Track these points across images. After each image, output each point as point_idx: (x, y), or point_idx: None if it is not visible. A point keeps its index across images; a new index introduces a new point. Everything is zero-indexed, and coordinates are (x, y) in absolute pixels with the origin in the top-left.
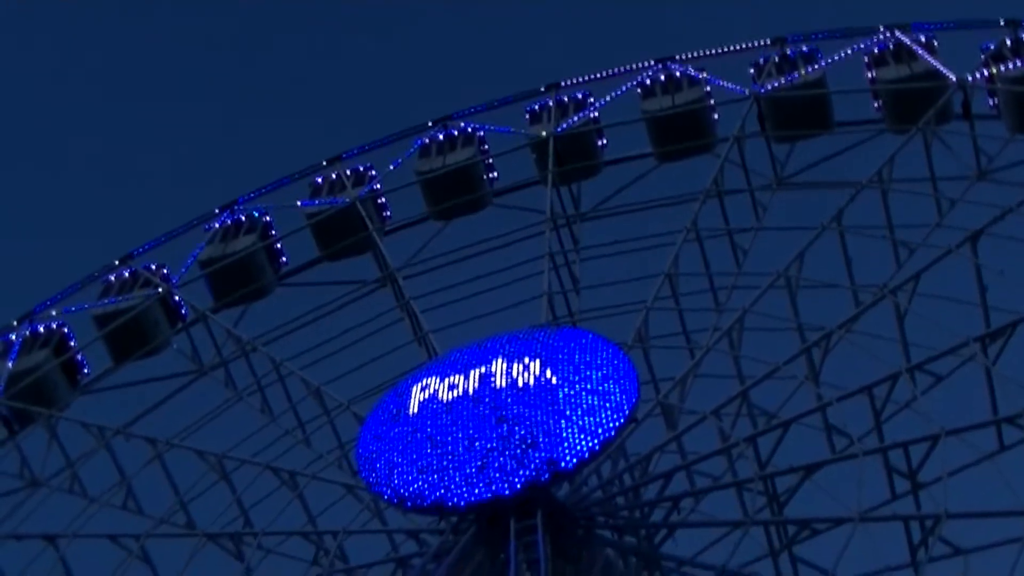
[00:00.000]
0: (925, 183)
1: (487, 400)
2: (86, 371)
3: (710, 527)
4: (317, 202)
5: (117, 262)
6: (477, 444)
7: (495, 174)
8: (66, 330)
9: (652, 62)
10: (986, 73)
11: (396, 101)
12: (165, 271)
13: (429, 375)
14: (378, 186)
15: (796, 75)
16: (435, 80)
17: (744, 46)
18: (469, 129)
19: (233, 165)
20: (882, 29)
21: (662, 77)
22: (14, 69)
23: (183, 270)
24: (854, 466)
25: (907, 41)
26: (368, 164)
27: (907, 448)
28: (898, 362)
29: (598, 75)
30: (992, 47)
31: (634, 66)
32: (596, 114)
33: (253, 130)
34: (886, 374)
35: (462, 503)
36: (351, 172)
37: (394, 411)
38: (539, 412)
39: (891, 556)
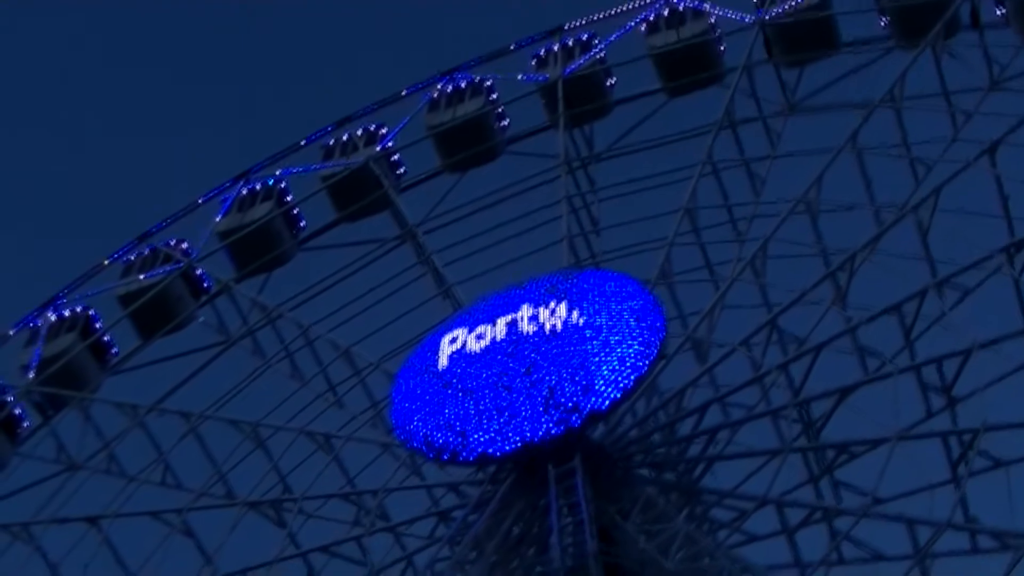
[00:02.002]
0: (938, 98)
1: (516, 347)
2: (114, 351)
3: (748, 458)
4: (331, 164)
5: (136, 240)
6: (510, 392)
7: (506, 122)
8: (91, 312)
9: None
10: None
11: (401, 57)
12: (185, 246)
13: (457, 327)
14: (390, 144)
15: None
16: (438, 33)
17: None
18: (476, 79)
19: (244, 135)
20: None
21: (666, 12)
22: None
23: (202, 243)
24: (888, 386)
25: None
26: (378, 123)
27: (940, 364)
28: (924, 279)
29: (601, 15)
30: None
31: (637, 3)
32: (602, 54)
33: (261, 99)
34: (913, 291)
35: (499, 452)
36: (362, 132)
37: (425, 366)
38: (569, 355)
39: (931, 474)
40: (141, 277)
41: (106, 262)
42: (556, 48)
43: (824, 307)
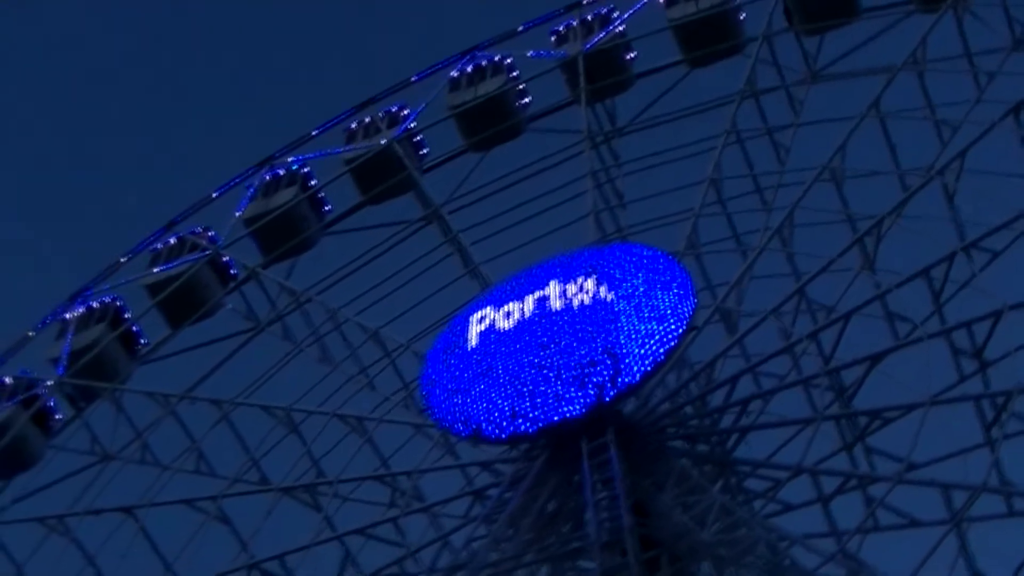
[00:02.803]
0: (961, 60)
1: (545, 324)
2: (144, 341)
3: (781, 427)
4: (354, 147)
5: (163, 229)
6: (540, 369)
7: (527, 99)
8: (120, 303)
9: None
10: None
11: (421, 38)
12: (211, 233)
13: (485, 306)
14: (412, 125)
15: None
16: (457, 12)
17: None
18: (497, 58)
19: (266, 121)
20: None
21: None
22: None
23: (228, 230)
24: (919, 351)
25: None
26: (400, 104)
27: (971, 327)
28: (953, 242)
29: None
30: None
31: None
32: (622, 28)
33: (283, 84)
34: (942, 255)
35: (532, 429)
36: (384, 114)
37: (454, 345)
38: (598, 330)
39: (965, 438)
40: (168, 266)
41: (122, 260)
42: (575, 23)
43: (852, 274)
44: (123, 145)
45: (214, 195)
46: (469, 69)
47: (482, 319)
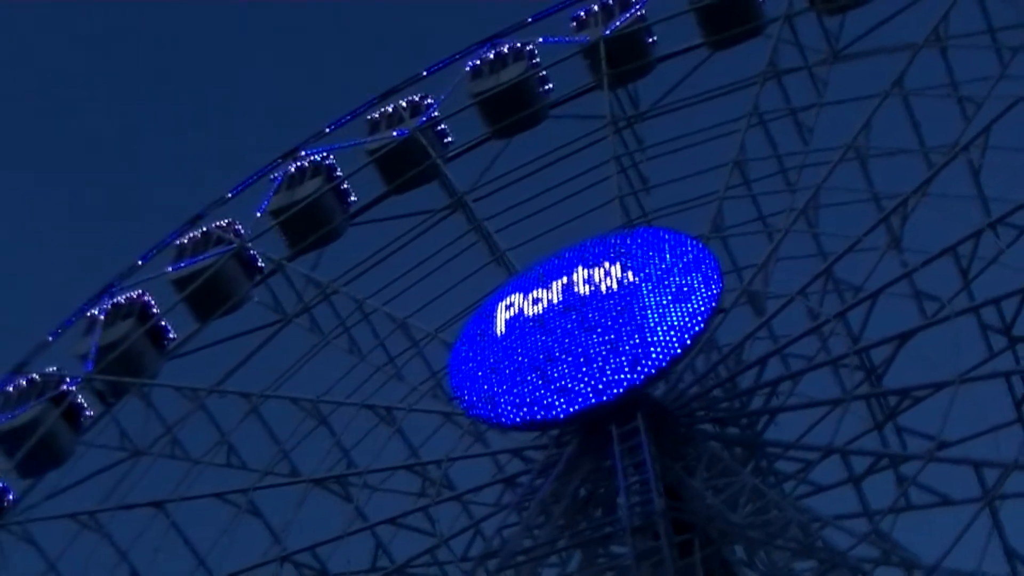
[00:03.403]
0: (984, 35)
1: (573, 309)
2: (171, 336)
3: (811, 408)
4: (377, 138)
5: (188, 223)
6: (568, 355)
7: (550, 86)
8: (147, 298)
9: None
10: None
11: (442, 27)
12: (236, 226)
13: (512, 293)
14: (435, 113)
15: None
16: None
17: None
18: (518, 44)
19: (289, 113)
20: None
21: None
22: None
23: (253, 223)
24: (948, 329)
25: None
26: (422, 93)
27: (999, 304)
28: (979, 219)
29: None
30: None
31: None
32: (642, 11)
33: (304, 76)
34: (969, 232)
35: (561, 415)
36: (407, 103)
37: (481, 333)
38: (626, 314)
39: (996, 415)
40: (194, 260)
41: (148, 255)
42: (595, 8)
43: (879, 253)
44: (147, 140)
45: (228, 196)
46: (490, 56)
47: (509, 306)
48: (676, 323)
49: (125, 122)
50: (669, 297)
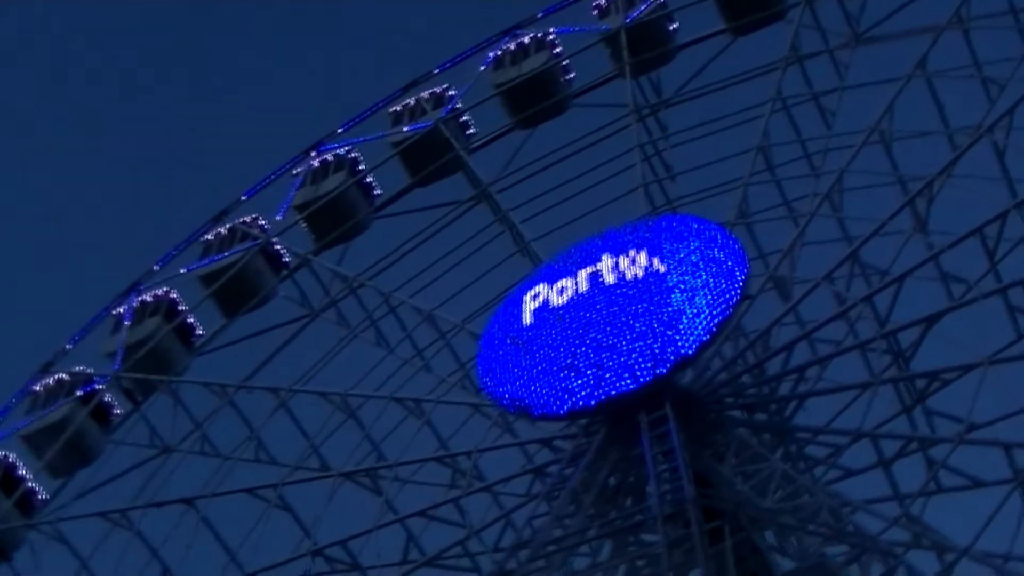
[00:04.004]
0: (1006, 16)
1: (599, 298)
2: (199, 332)
3: (839, 393)
4: (400, 130)
5: (213, 220)
6: (595, 344)
7: (572, 75)
8: (173, 295)
9: None
10: None
11: (463, 17)
12: (261, 222)
13: (538, 283)
14: (458, 105)
15: None
16: None
17: None
18: (539, 34)
19: (312, 107)
20: None
21: None
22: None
23: (278, 218)
24: (975, 311)
25: None
26: (445, 85)
27: None
28: (1005, 200)
29: None
30: None
31: None
32: None
33: (326, 69)
34: (994, 213)
35: (590, 404)
36: (429, 95)
37: (509, 323)
38: (653, 302)
39: None
40: (220, 256)
41: (184, 244)
42: None
43: (905, 236)
44: (171, 137)
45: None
46: (512, 47)
47: (536, 296)
48: (703, 310)
49: (149, 120)
50: (695, 284)
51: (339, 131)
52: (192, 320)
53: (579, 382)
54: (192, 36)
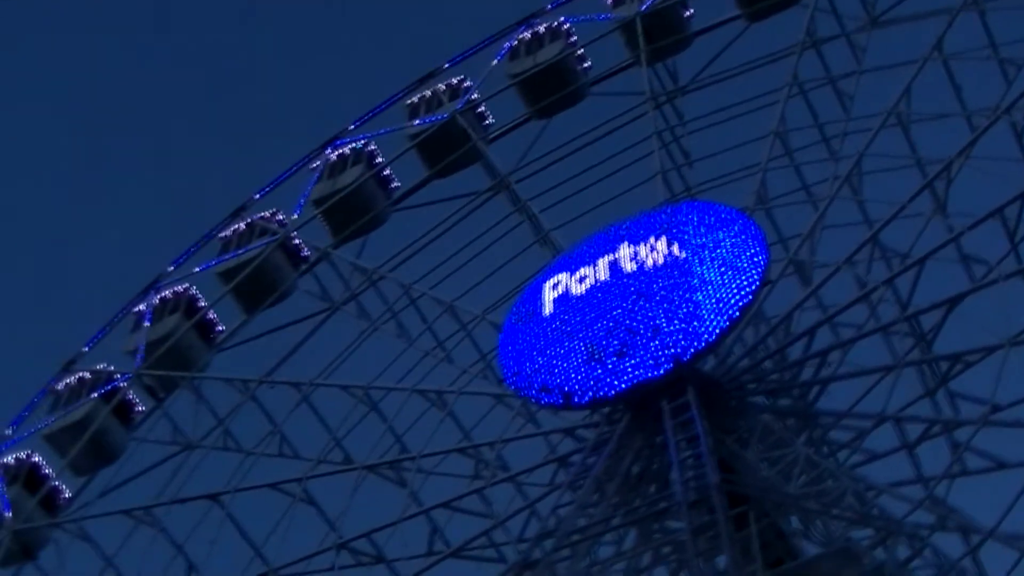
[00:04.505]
0: None
1: (619, 286)
2: (219, 328)
3: (862, 376)
4: (417, 122)
5: (231, 216)
6: (617, 332)
7: (588, 64)
8: (193, 291)
9: None
10: None
11: (478, 8)
12: (280, 217)
13: (558, 272)
14: (475, 96)
15: None
16: None
17: None
18: (555, 23)
19: (328, 102)
20: None
21: None
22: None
23: (296, 212)
24: (997, 292)
25: None
26: (461, 76)
27: None
28: None
29: None
30: None
31: None
32: None
33: (342, 63)
34: (1014, 194)
35: (612, 392)
36: (445, 87)
37: (530, 313)
38: (673, 289)
39: None
40: (239, 252)
41: (203, 241)
42: None
43: (925, 218)
44: (188, 134)
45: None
46: (527, 37)
47: (556, 285)
48: (724, 296)
49: (167, 116)
50: (716, 270)
51: (355, 125)
52: (212, 316)
53: (601, 370)
54: (210, 31)
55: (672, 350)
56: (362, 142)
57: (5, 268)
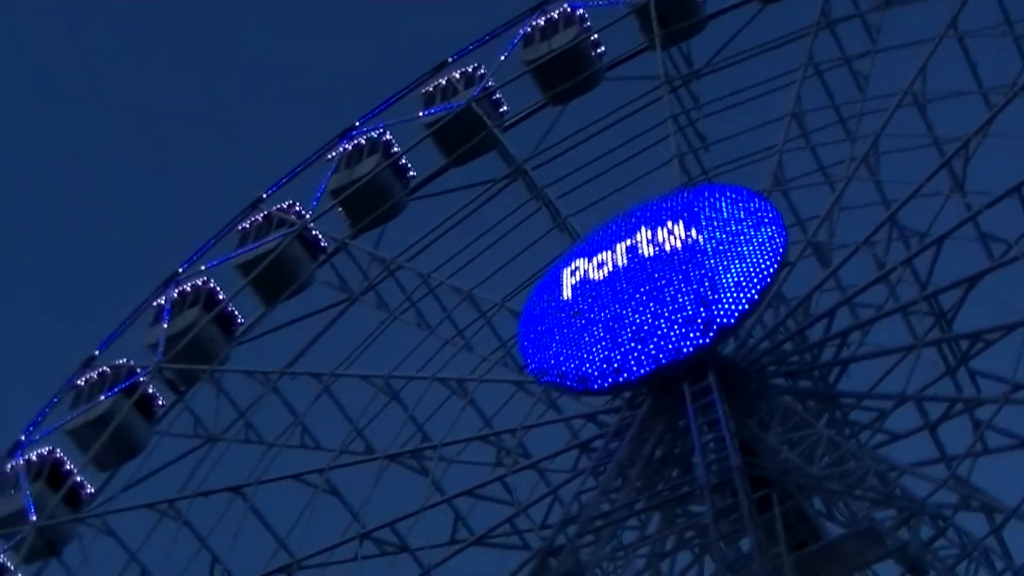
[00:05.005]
0: None
1: (638, 271)
2: (239, 321)
3: (882, 357)
4: (433, 111)
5: (248, 208)
6: (636, 316)
7: (602, 49)
8: (212, 284)
9: None
10: None
11: None
12: (297, 208)
13: (576, 258)
14: (490, 83)
15: None
16: None
17: None
18: (569, 9)
19: (343, 92)
20: None
21: None
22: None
23: (314, 203)
24: (1016, 270)
25: None
26: (475, 64)
27: None
28: None
29: None
30: None
31: None
32: None
33: (356, 53)
34: None
35: (633, 377)
36: (460, 75)
37: (549, 299)
38: (692, 273)
39: None
40: (257, 244)
41: (221, 233)
42: None
43: (943, 197)
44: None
45: (298, 169)
46: (541, 23)
47: (575, 271)
48: (743, 279)
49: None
50: (734, 253)
51: (371, 115)
52: (232, 309)
53: (621, 355)
54: (226, 23)
55: (692, 334)
56: (378, 132)
57: (25, 264)
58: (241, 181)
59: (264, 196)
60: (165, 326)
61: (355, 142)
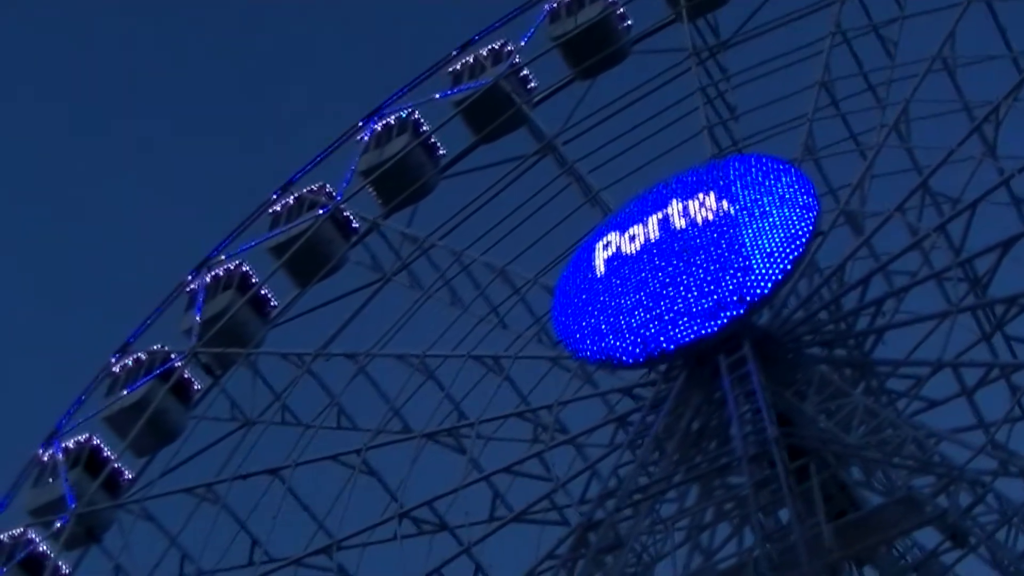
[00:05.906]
0: None
1: (671, 243)
2: (273, 303)
3: (917, 324)
4: (461, 88)
5: (280, 190)
6: (670, 289)
7: (629, 22)
8: (245, 267)
9: None
10: None
11: None
12: (328, 189)
13: (609, 232)
14: (517, 59)
15: None
16: None
17: None
18: None
19: (371, 72)
20: None
21: None
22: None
23: (344, 184)
24: None
25: None
26: (502, 40)
27: None
28: None
29: None
30: None
31: None
32: None
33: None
34: None
35: (668, 349)
36: (487, 52)
37: (582, 274)
38: (725, 244)
39: None
40: (289, 226)
41: (253, 217)
42: None
43: (975, 162)
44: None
45: (328, 150)
46: None
47: (607, 245)
48: (776, 249)
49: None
50: (767, 223)
51: (399, 94)
52: (266, 291)
53: (656, 328)
54: (255, 8)
55: (727, 305)
56: (407, 111)
57: (59, 252)
58: (272, 164)
59: (295, 178)
60: (200, 310)
61: (384, 122)
